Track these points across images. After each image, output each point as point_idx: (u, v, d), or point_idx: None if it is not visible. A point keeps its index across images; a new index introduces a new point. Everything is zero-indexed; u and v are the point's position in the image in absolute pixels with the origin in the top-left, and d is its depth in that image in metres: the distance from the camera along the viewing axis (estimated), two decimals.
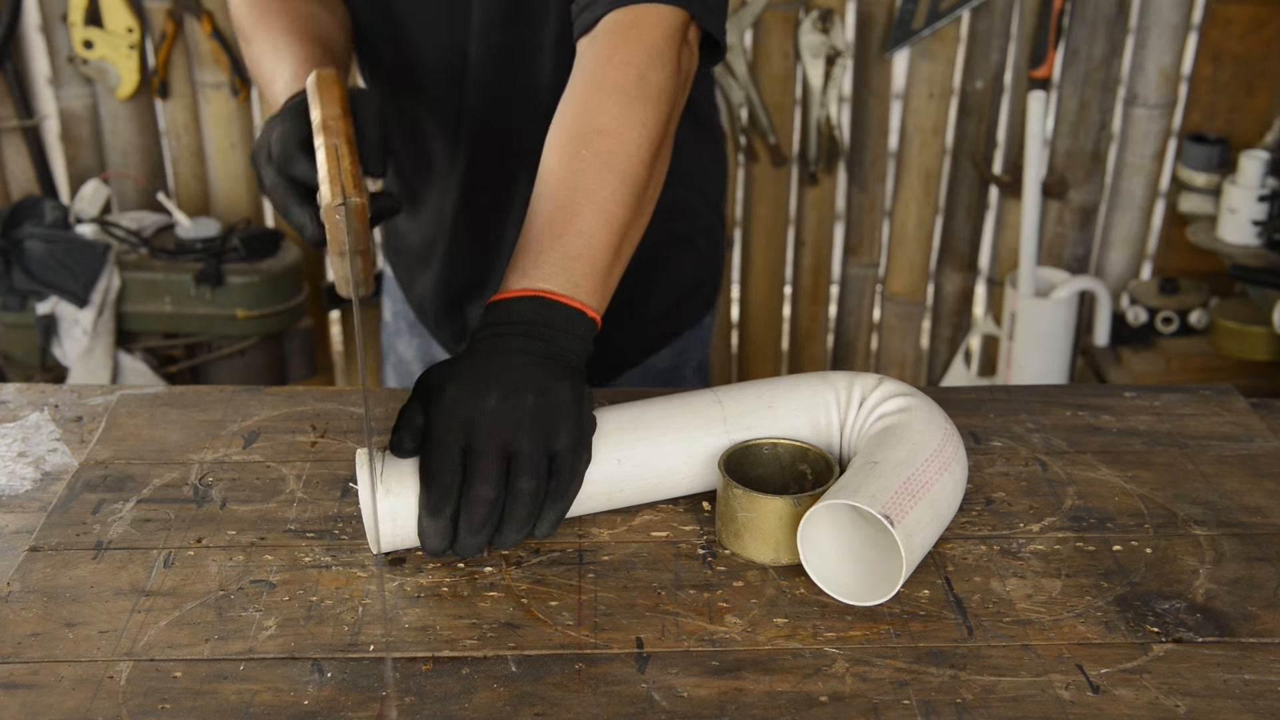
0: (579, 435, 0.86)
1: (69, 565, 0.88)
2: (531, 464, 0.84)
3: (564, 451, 0.85)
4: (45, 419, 1.06)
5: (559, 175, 0.97)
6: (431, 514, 0.83)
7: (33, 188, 2.40)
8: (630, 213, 0.97)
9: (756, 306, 2.52)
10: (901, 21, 2.22)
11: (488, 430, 0.84)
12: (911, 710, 0.76)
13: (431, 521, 0.83)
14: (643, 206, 0.99)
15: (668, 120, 1.01)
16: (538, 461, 0.84)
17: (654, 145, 0.99)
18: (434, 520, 0.83)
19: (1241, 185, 2.15)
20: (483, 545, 0.84)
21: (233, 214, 2.43)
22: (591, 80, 1.00)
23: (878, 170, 2.38)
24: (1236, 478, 1.00)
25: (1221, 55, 2.24)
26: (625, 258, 0.99)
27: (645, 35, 1.00)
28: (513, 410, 0.85)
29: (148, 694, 0.76)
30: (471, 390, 0.86)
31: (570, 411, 0.86)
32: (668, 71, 1.00)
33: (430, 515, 0.83)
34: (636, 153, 0.97)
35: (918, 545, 0.83)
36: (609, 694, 0.77)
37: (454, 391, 0.86)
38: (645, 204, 1.00)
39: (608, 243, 0.95)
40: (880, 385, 0.95)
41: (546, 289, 0.92)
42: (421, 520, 0.84)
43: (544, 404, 0.85)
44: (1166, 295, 2.31)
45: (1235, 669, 0.80)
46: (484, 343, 0.90)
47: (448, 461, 0.83)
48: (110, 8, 2.25)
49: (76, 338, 2.24)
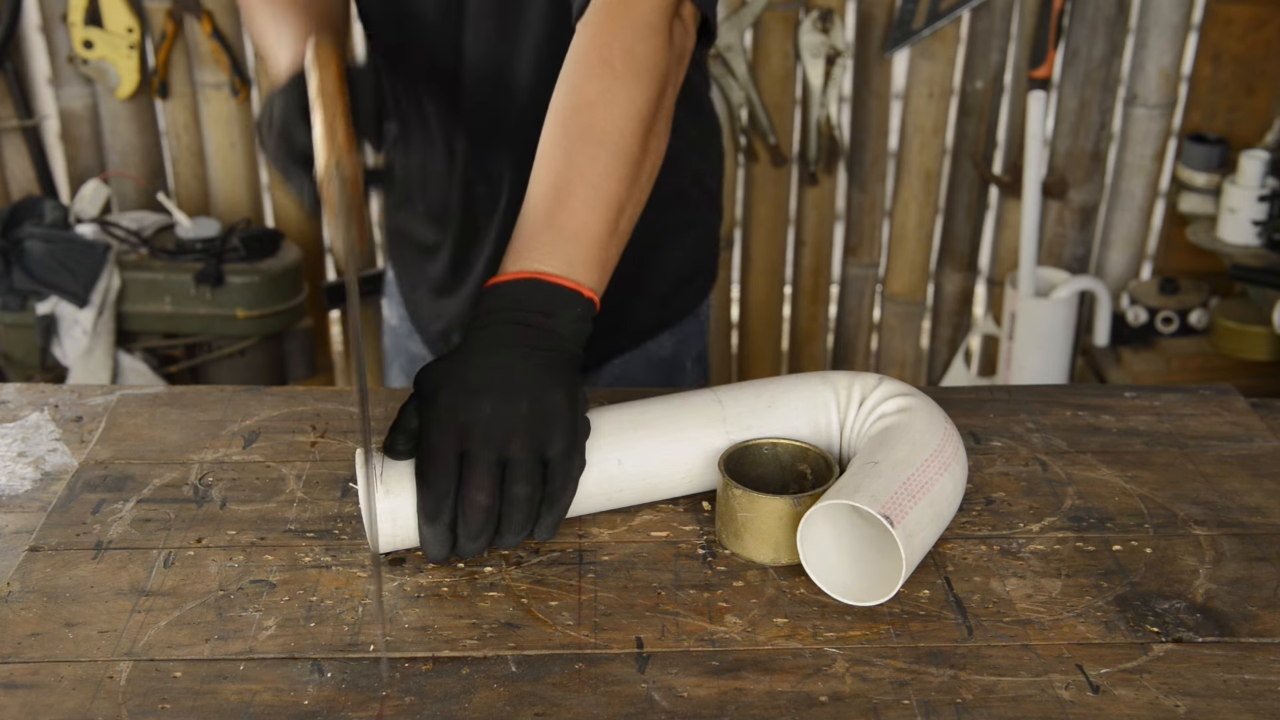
0: (572, 440, 0.86)
1: (69, 565, 0.88)
2: (525, 470, 0.84)
3: (557, 457, 0.85)
4: (45, 419, 1.06)
5: (551, 155, 0.96)
6: (429, 521, 0.83)
7: (33, 188, 2.40)
8: (625, 188, 0.96)
9: (756, 306, 2.52)
10: (901, 21, 2.22)
11: (481, 437, 0.84)
12: (911, 710, 0.76)
13: (430, 529, 0.83)
14: (638, 182, 0.98)
15: (659, 96, 0.99)
16: (532, 467, 0.84)
17: (645, 120, 0.97)
18: (432, 527, 0.83)
19: (1241, 185, 2.15)
20: (483, 548, 0.85)
21: (233, 214, 2.43)
22: (580, 59, 0.99)
23: (878, 170, 2.38)
24: (1236, 478, 1.00)
25: (1221, 55, 2.24)
26: (624, 234, 0.98)
27: (634, 11, 0.99)
28: (506, 416, 0.85)
29: (148, 694, 0.76)
30: (465, 396, 0.86)
31: (564, 417, 0.86)
32: (656, 45, 0.99)
33: (428, 522, 0.83)
34: (627, 127, 0.96)
35: (918, 545, 0.83)
36: (609, 694, 0.77)
37: (447, 397, 0.86)
38: (641, 180, 0.98)
39: (603, 220, 0.94)
40: (880, 385, 0.95)
41: (542, 270, 0.92)
42: (421, 528, 0.84)
43: (538, 410, 0.85)
44: (1166, 295, 2.31)
45: (1235, 669, 0.80)
46: (481, 334, 0.90)
47: (442, 468, 0.83)
48: (110, 8, 2.25)
49: (76, 338, 2.24)
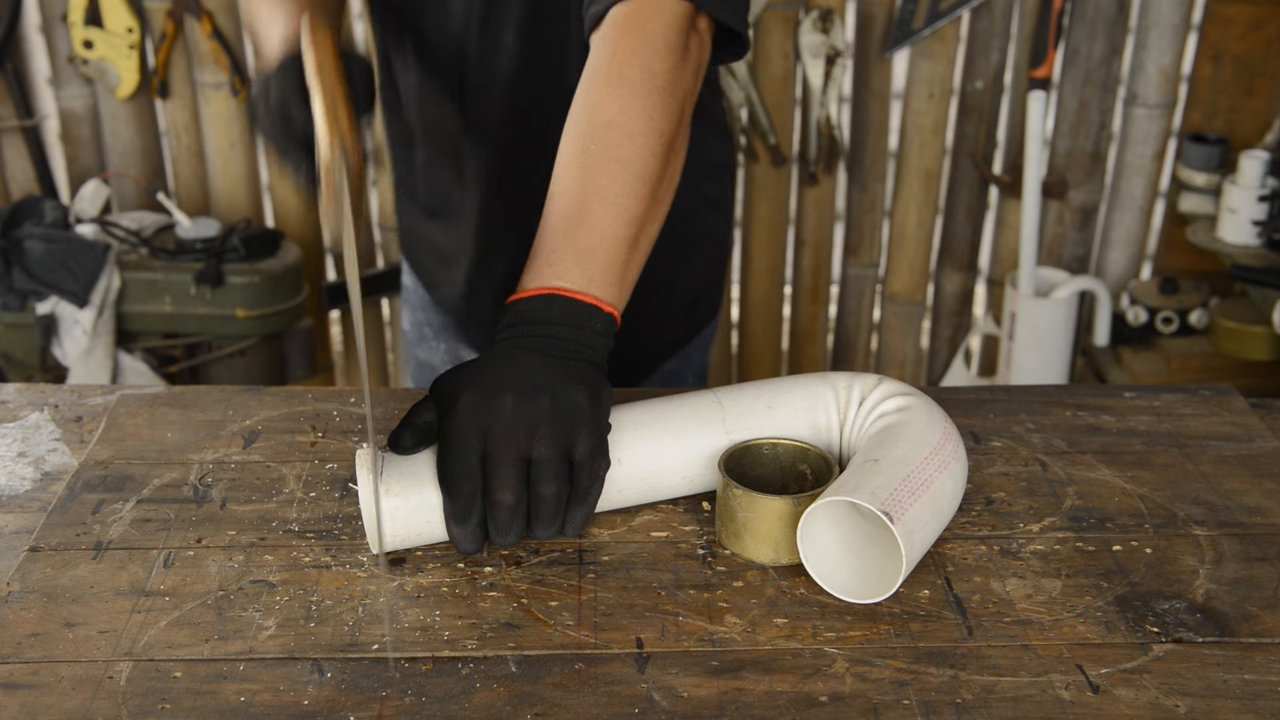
0: (596, 439, 0.85)
1: (69, 565, 0.88)
2: (550, 469, 0.83)
3: (583, 456, 0.85)
4: (45, 419, 1.06)
5: (570, 172, 0.96)
6: (458, 523, 0.83)
7: (33, 188, 2.40)
8: (644, 205, 0.96)
9: (756, 306, 2.52)
10: (901, 21, 2.22)
11: (503, 436, 0.83)
12: (911, 710, 0.76)
13: (460, 529, 0.83)
14: (658, 199, 0.98)
15: (679, 112, 0.99)
16: (556, 466, 0.83)
17: (664, 137, 0.97)
18: (462, 528, 0.83)
19: (1241, 185, 2.15)
20: (516, 541, 0.85)
21: (233, 214, 2.43)
22: (598, 75, 0.99)
23: (878, 170, 2.38)
24: (1236, 478, 1.00)
25: (1221, 55, 2.24)
26: (644, 251, 0.97)
27: (649, 26, 0.99)
28: (528, 415, 0.84)
29: (148, 694, 0.76)
30: (486, 396, 0.85)
31: (586, 415, 0.85)
32: (674, 61, 0.99)
33: (457, 524, 0.83)
34: (646, 144, 0.96)
35: (918, 542, 0.83)
36: (609, 694, 0.77)
37: (469, 398, 0.85)
38: (660, 196, 0.98)
39: (622, 237, 0.94)
40: (880, 385, 0.95)
41: (561, 286, 0.91)
42: (450, 528, 0.84)
43: (560, 407, 0.85)
44: (1166, 295, 2.31)
45: (1235, 669, 0.80)
46: (500, 345, 0.90)
47: (466, 470, 0.83)
48: (110, 8, 2.25)
49: (76, 338, 2.24)
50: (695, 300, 1.37)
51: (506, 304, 0.93)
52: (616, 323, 0.94)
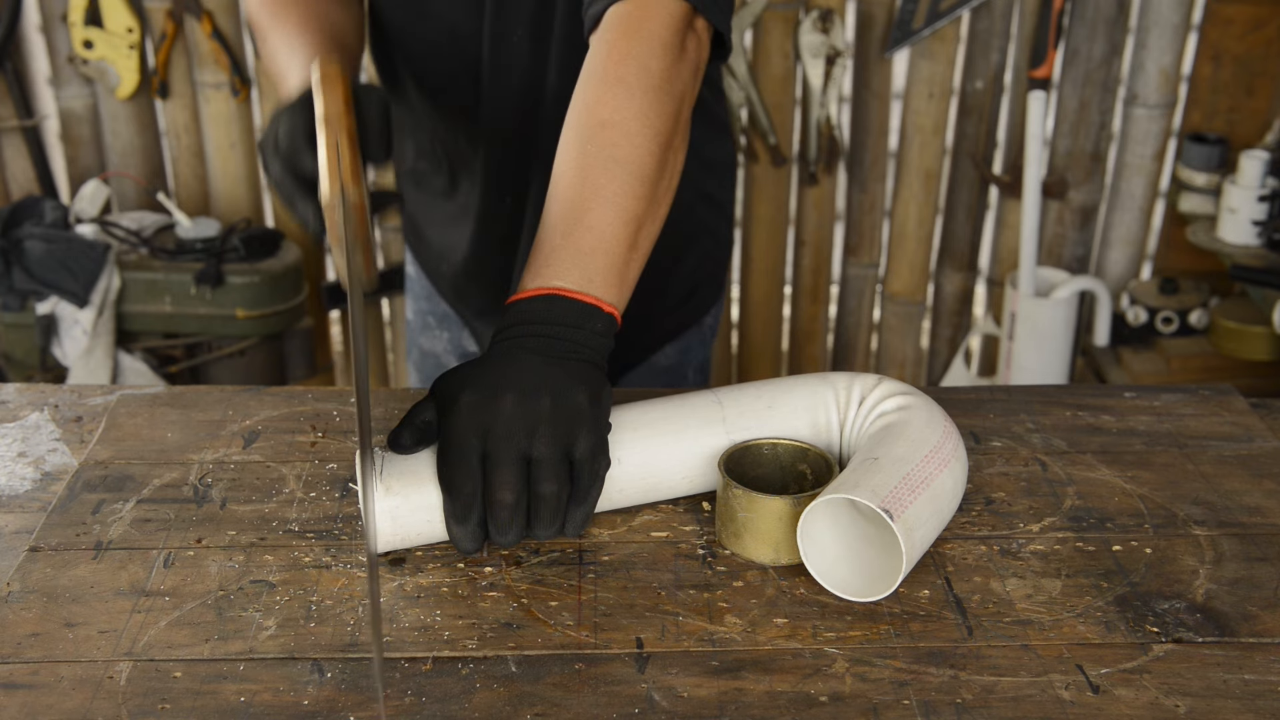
0: (597, 439, 0.85)
1: (69, 565, 0.88)
2: (551, 468, 0.83)
3: (583, 456, 0.85)
4: (45, 419, 1.06)
5: (568, 172, 0.97)
6: (458, 522, 0.83)
7: (33, 188, 2.40)
8: (643, 205, 0.96)
9: (756, 306, 2.52)
10: (901, 21, 2.22)
11: (504, 436, 0.83)
12: (911, 710, 0.76)
13: (460, 528, 0.83)
14: (657, 198, 0.98)
15: (676, 111, 0.99)
16: (557, 465, 0.84)
17: (661, 136, 0.98)
18: (462, 527, 0.83)
19: (1241, 185, 2.15)
20: (516, 541, 0.84)
21: (233, 214, 2.43)
22: (595, 75, 0.99)
23: (878, 170, 2.38)
24: (1236, 478, 1.00)
25: (1221, 55, 2.24)
26: (643, 250, 0.97)
27: (647, 26, 0.99)
28: (529, 414, 0.84)
29: (148, 694, 0.76)
30: (487, 395, 0.85)
31: (587, 414, 0.85)
32: (670, 61, 0.99)
33: (457, 523, 0.83)
34: (644, 144, 0.96)
35: (918, 540, 0.83)
36: (609, 694, 0.77)
37: (469, 397, 0.85)
38: (659, 196, 0.98)
39: (621, 236, 0.94)
40: (880, 385, 0.95)
41: (560, 286, 0.92)
42: (450, 528, 0.84)
43: (560, 407, 0.85)
44: (1166, 295, 2.31)
45: (1235, 669, 0.80)
46: (499, 345, 0.90)
47: (466, 469, 0.83)
48: (110, 8, 2.25)
49: (76, 338, 2.24)
50: (692, 289, 1.37)
51: (506, 304, 0.93)
52: (617, 323, 0.94)
